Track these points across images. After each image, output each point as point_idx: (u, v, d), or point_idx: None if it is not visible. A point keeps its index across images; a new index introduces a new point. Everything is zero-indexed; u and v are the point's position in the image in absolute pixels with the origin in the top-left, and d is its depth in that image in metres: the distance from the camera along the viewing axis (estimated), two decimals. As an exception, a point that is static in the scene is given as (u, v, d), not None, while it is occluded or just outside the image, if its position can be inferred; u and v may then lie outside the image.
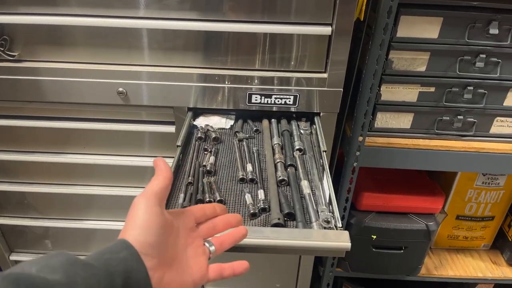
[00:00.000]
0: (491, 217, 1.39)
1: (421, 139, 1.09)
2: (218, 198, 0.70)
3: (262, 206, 0.68)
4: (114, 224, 1.18)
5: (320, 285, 1.41)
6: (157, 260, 0.41)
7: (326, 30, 0.83)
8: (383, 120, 1.08)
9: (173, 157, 1.03)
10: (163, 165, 0.47)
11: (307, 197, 0.71)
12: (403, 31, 0.94)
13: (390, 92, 1.03)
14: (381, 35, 0.90)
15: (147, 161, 1.05)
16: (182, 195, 0.71)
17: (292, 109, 0.93)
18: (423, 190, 1.27)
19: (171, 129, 0.99)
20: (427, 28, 0.93)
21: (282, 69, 0.90)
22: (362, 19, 0.90)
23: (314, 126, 0.93)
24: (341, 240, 0.63)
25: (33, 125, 1.00)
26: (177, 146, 0.83)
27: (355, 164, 1.11)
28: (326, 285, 1.40)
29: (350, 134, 1.08)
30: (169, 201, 0.71)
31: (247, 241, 0.56)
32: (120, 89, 0.92)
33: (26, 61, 0.91)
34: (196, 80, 0.90)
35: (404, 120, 1.08)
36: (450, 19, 0.92)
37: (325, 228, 0.65)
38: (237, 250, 0.56)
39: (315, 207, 0.70)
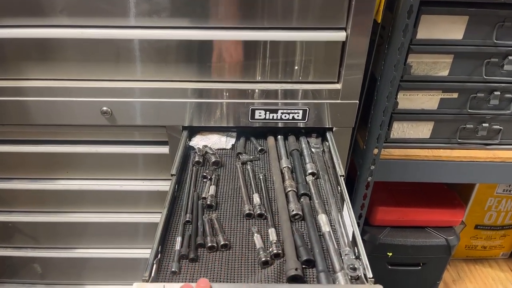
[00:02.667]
0: (511, 225, 1.30)
1: (441, 150, 0.99)
2: (222, 242, 0.59)
3: (275, 251, 0.57)
4: (106, 252, 1.07)
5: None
6: None
7: (340, 35, 0.72)
8: (400, 130, 0.97)
9: (168, 182, 0.94)
10: None
11: (327, 236, 0.61)
12: (423, 33, 0.83)
13: (408, 100, 0.92)
14: (400, 37, 0.79)
15: (138, 185, 0.94)
16: (179, 239, 0.60)
17: (301, 125, 0.82)
18: (441, 201, 1.17)
19: (165, 150, 0.88)
20: (450, 28, 0.83)
21: (289, 80, 0.79)
22: (379, 21, 0.79)
23: (327, 143, 0.82)
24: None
25: (12, 150, 0.89)
26: (172, 175, 0.72)
27: (369, 179, 1.00)
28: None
29: (363, 146, 0.97)
30: (164, 247, 0.60)
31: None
32: (104, 108, 0.80)
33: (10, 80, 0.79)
34: (190, 95, 0.79)
35: (424, 130, 0.97)
36: (476, 17, 0.82)
37: (351, 277, 0.54)
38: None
39: (336, 248, 0.59)
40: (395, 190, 1.19)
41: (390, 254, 1.17)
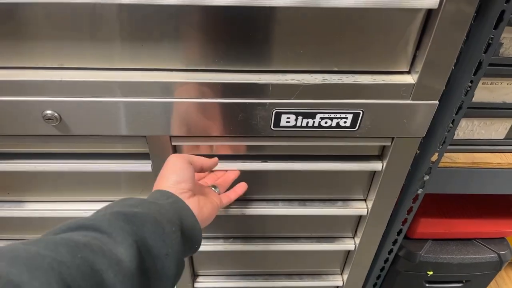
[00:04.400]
0: None
1: (518, 154, 0.74)
2: None
3: None
4: None
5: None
6: (192, 192, 0.50)
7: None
8: (468, 129, 0.72)
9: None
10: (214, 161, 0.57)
11: None
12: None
13: (488, 90, 0.66)
14: (502, 3, 0.52)
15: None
16: None
17: (348, 135, 0.55)
18: (493, 209, 0.95)
19: (146, 167, 0.60)
20: None
21: (334, 69, 0.51)
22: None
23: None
24: None
25: None
26: None
27: (419, 191, 0.76)
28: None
29: (417, 151, 0.72)
30: None
31: None
32: (48, 112, 0.52)
33: None
34: (179, 91, 0.51)
35: (499, 128, 0.72)
36: None
37: None
38: None
39: None
40: (439, 197, 0.96)
41: (430, 272, 0.95)
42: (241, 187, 0.62)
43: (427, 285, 0.99)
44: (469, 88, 0.61)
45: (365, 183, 0.69)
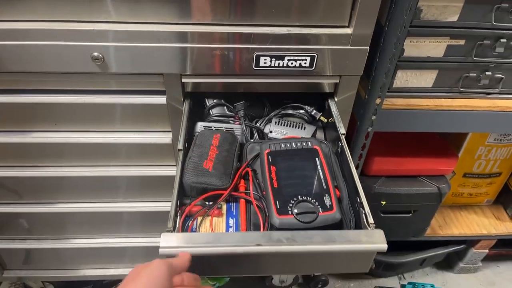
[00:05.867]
0: (498, 173, 1.34)
1: (443, 99, 0.97)
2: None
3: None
4: (90, 206, 1.04)
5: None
6: None
7: (354, -26, 0.67)
8: (403, 79, 0.95)
9: (165, 134, 0.90)
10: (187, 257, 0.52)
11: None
12: (437, -27, 0.78)
13: (415, 47, 0.89)
14: (414, -22, 0.75)
15: (132, 137, 0.89)
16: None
17: (308, 73, 0.78)
18: (434, 151, 1.18)
19: (162, 100, 0.83)
20: (465, -32, 0.78)
21: (297, 24, 0.73)
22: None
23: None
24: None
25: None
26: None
27: (369, 129, 0.99)
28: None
29: (365, 96, 0.95)
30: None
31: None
32: (95, 53, 0.73)
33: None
34: (190, 40, 0.73)
35: (427, 78, 0.95)
36: (492, -43, 0.77)
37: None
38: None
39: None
40: (390, 141, 1.19)
41: (384, 202, 1.19)
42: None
43: (382, 214, 1.23)
44: (398, 44, 0.84)
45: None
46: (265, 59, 0.75)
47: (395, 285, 1.37)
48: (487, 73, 0.94)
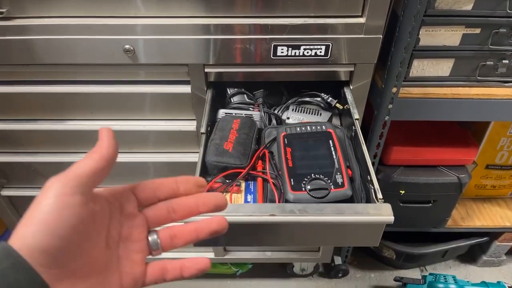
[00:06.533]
0: (522, 165, 1.32)
1: (460, 88, 0.99)
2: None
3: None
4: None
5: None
6: (60, 272, 0.29)
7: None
8: (420, 68, 0.97)
9: (189, 122, 0.96)
10: (106, 138, 0.34)
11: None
12: (450, -37, 0.80)
13: (430, 36, 0.91)
14: (427, -33, 0.77)
15: (160, 125, 0.96)
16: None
17: (324, 62, 0.82)
18: (454, 140, 1.19)
19: (187, 89, 0.89)
20: (478, -42, 0.80)
21: (311, 14, 0.77)
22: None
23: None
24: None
25: (34, 90, 0.90)
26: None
27: (386, 118, 1.02)
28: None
29: (382, 85, 0.98)
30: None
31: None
32: (127, 46, 0.80)
33: (17, 18, 0.78)
34: (213, 31, 0.78)
35: (444, 67, 0.97)
36: None
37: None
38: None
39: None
40: (409, 130, 1.21)
41: (403, 192, 1.21)
42: (194, 267, 0.35)
43: (401, 204, 1.24)
44: (412, 33, 0.86)
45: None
46: (282, 49, 0.80)
47: (416, 277, 1.38)
48: (504, 61, 0.94)
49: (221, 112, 0.86)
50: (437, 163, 1.20)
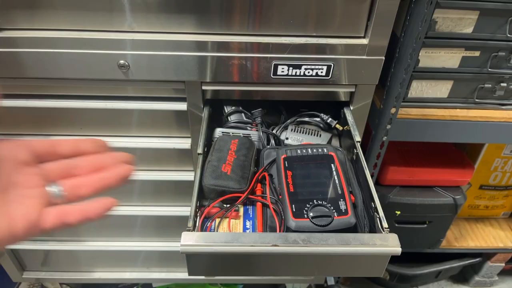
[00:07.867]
0: (515, 185, 1.32)
1: (458, 109, 0.98)
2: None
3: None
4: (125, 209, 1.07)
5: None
6: None
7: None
8: (418, 89, 0.96)
9: (185, 140, 0.92)
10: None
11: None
12: (452, -14, 0.80)
13: (430, 58, 0.90)
14: (430, -9, 0.77)
15: (154, 142, 0.93)
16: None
17: (324, 82, 0.80)
18: (450, 161, 1.19)
19: (183, 106, 0.86)
20: (479, -18, 0.80)
21: (314, 34, 0.76)
22: (409, -27, 0.76)
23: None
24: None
25: (22, 105, 0.86)
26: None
27: (384, 139, 1.00)
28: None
29: (380, 105, 0.96)
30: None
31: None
32: (122, 61, 0.77)
33: (5, 30, 0.75)
34: (210, 49, 0.76)
35: (442, 89, 0.96)
36: (506, -29, 0.79)
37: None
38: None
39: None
40: (405, 151, 1.20)
41: (398, 212, 1.19)
42: (98, 208, 0.39)
43: (396, 225, 1.23)
44: (413, 54, 0.85)
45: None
46: (282, 68, 0.78)
47: (409, 297, 1.36)
48: (502, 84, 0.94)
49: (218, 131, 0.83)
50: (432, 184, 1.19)
